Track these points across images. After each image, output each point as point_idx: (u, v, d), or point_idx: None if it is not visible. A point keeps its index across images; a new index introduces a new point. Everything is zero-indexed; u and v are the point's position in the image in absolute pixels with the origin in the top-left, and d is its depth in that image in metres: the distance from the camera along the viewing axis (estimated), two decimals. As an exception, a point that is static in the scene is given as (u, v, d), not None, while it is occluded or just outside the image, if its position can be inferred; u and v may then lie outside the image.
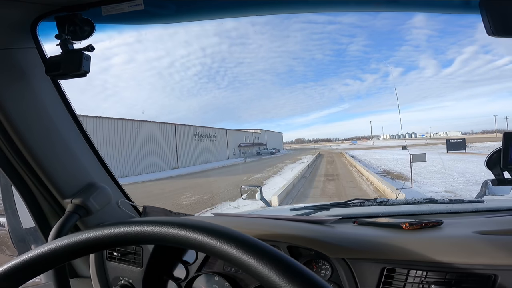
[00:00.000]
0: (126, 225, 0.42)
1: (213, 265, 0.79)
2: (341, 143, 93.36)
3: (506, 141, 0.69)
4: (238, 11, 0.82)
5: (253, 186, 1.70)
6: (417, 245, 0.65)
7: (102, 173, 0.94)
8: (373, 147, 43.13)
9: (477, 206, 1.03)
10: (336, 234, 0.74)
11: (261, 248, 0.35)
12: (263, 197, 1.64)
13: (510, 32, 0.59)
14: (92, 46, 0.68)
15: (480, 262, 0.59)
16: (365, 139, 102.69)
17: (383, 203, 1.09)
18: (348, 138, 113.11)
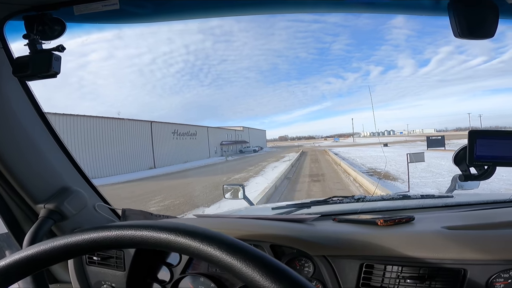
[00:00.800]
0: (105, 229, 0.42)
1: (197, 266, 0.79)
2: (324, 141, 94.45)
3: (471, 139, 0.71)
4: (220, 11, 0.80)
5: (236, 185, 1.69)
6: (392, 241, 0.67)
7: (76, 176, 0.92)
8: (355, 144, 43.48)
9: (446, 201, 1.06)
10: (316, 232, 0.76)
11: (243, 249, 0.35)
12: (246, 196, 1.62)
13: (474, 34, 0.63)
14: (63, 46, 0.66)
15: (450, 257, 0.62)
16: (347, 136, 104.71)
17: (360, 199, 1.13)
18: (330, 136, 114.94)
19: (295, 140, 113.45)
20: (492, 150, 0.71)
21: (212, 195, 9.00)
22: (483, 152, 0.71)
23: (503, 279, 0.59)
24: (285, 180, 10.35)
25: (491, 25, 0.63)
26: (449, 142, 24.88)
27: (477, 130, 0.72)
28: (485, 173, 0.76)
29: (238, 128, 47.93)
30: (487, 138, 0.71)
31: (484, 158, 0.72)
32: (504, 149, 0.70)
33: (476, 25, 0.63)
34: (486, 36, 0.64)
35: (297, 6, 0.78)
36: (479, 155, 0.71)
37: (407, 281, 0.63)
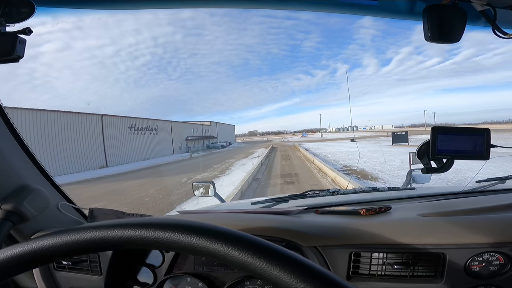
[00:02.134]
0: (88, 230, 0.37)
1: (182, 266, 0.76)
2: (292, 136, 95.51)
3: (433, 134, 0.76)
4: (193, 2, 0.79)
5: (206, 182, 1.63)
6: (375, 229, 0.70)
7: (36, 174, 0.85)
8: (323, 140, 43.87)
9: (410, 193, 1.15)
10: (305, 223, 0.76)
11: (271, 249, 0.32)
12: (217, 193, 1.60)
13: (443, 39, 0.68)
14: (30, 29, 0.63)
15: (429, 242, 0.66)
16: (314, 131, 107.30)
17: (335, 192, 1.16)
18: (298, 131, 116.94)
19: (265, 135, 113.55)
20: (451, 144, 0.76)
21: (165, 203, 7.33)
22: (443, 147, 0.76)
23: (477, 262, 0.64)
24: (254, 182, 8.94)
25: (459, 30, 0.68)
26: (410, 138, 25.68)
27: (439, 127, 0.77)
28: (444, 166, 0.81)
29: (205, 123, 45.73)
30: (447, 134, 0.77)
31: (444, 152, 0.77)
32: (461, 144, 0.76)
33: (446, 30, 0.68)
34: (454, 41, 0.69)
35: (271, 2, 0.79)
36: (440, 149, 0.76)
37: (394, 266, 0.66)
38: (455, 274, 0.64)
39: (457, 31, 0.68)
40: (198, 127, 41.50)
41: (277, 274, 0.30)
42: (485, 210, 0.76)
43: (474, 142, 0.76)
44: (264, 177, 9.87)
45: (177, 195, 8.34)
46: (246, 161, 16.42)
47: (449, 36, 0.68)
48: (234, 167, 14.36)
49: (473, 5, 0.68)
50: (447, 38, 0.68)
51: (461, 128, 0.77)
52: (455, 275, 0.64)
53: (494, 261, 0.64)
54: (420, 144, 0.81)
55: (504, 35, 0.69)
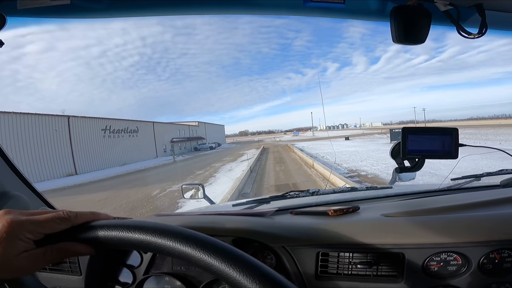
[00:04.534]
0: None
1: (161, 266, 0.77)
2: (284, 135, 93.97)
3: (404, 135, 0.78)
4: (182, 9, 0.77)
5: (195, 184, 1.65)
6: (342, 229, 0.70)
7: (14, 180, 0.85)
8: (315, 138, 42.21)
9: (387, 192, 1.14)
10: (275, 224, 0.77)
11: (224, 250, 0.35)
12: (206, 195, 1.59)
13: (409, 40, 0.68)
14: (2, 42, 0.63)
15: (389, 242, 0.66)
16: (305, 130, 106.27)
17: (315, 193, 1.17)
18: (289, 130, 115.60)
19: (256, 135, 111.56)
20: (421, 144, 0.78)
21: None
22: (413, 147, 0.78)
23: (435, 262, 0.65)
24: (241, 198, 6.88)
25: (424, 31, 0.69)
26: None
27: (409, 127, 0.79)
28: (416, 165, 0.83)
29: (192, 123, 43.39)
30: (416, 134, 0.78)
31: (414, 151, 0.79)
32: (430, 144, 0.78)
33: (412, 31, 0.68)
34: (419, 42, 0.69)
35: (256, 7, 0.79)
36: (410, 149, 0.78)
37: (358, 266, 0.67)
38: (414, 274, 0.65)
39: (423, 32, 0.68)
40: (185, 128, 39.12)
41: (225, 271, 0.32)
42: (456, 208, 0.76)
43: (443, 141, 0.78)
44: (254, 191, 7.79)
45: (138, 216, 6.18)
46: (234, 166, 14.32)
47: (415, 37, 0.69)
48: (219, 173, 12.25)
49: (437, 5, 0.68)
50: (412, 40, 0.69)
51: (430, 128, 0.79)
52: (414, 275, 0.65)
53: (452, 261, 0.65)
54: (393, 144, 0.83)
55: (469, 35, 0.69)
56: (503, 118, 75.77)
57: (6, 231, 0.36)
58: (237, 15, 0.80)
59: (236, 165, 14.64)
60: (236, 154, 22.34)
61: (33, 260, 0.37)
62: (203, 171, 13.66)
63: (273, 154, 19.56)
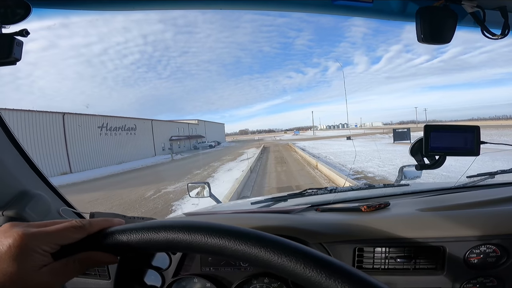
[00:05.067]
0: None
1: (189, 268, 0.76)
2: (284, 134, 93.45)
3: (426, 132, 0.77)
4: (186, 4, 0.78)
5: (201, 183, 1.63)
6: (377, 225, 0.71)
7: (35, 179, 0.84)
8: (316, 138, 41.70)
9: (405, 189, 1.13)
10: (309, 221, 0.77)
11: (310, 254, 0.32)
12: (212, 194, 1.57)
13: (435, 40, 0.69)
14: (27, 31, 0.62)
15: (429, 235, 0.68)
16: (305, 129, 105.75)
17: (333, 191, 1.15)
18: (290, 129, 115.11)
19: (256, 134, 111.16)
20: (443, 142, 0.78)
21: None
22: (436, 144, 0.78)
23: (475, 255, 0.66)
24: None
25: (450, 31, 0.69)
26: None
27: (431, 125, 0.78)
28: (436, 162, 0.83)
29: (192, 121, 42.80)
30: (439, 132, 0.78)
31: (437, 149, 0.78)
32: (452, 141, 0.78)
33: (438, 32, 0.69)
34: (445, 41, 0.70)
35: (264, 3, 0.79)
36: (433, 147, 0.78)
37: (397, 260, 0.68)
38: (455, 266, 0.66)
39: (448, 32, 0.69)
40: (185, 126, 38.55)
41: (311, 275, 0.30)
42: (479, 204, 0.77)
43: (465, 139, 0.79)
44: (254, 194, 7.27)
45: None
46: (233, 165, 13.80)
47: (441, 37, 0.70)
48: (218, 173, 11.74)
49: (464, 7, 0.69)
50: (438, 39, 0.70)
51: (452, 125, 0.79)
52: (455, 267, 0.66)
53: (491, 253, 0.66)
54: (414, 141, 0.83)
55: (493, 36, 0.71)
56: (504, 119, 75.35)
57: (19, 245, 0.33)
58: (240, 12, 0.78)
59: (235, 164, 14.13)
60: (235, 153, 21.83)
61: (55, 274, 0.35)
62: (201, 170, 13.15)
63: (274, 154, 19.03)
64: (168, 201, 7.42)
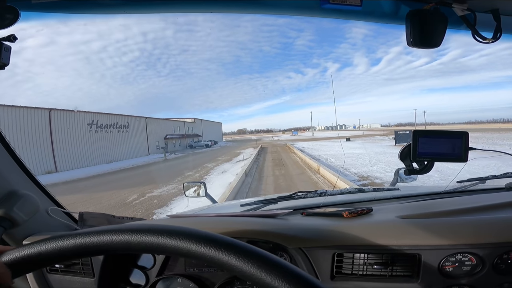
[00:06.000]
0: (94, 234, 0.39)
1: (173, 267, 0.77)
2: (282, 134, 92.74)
3: (414, 137, 0.78)
4: (187, 7, 0.78)
5: (197, 183, 1.64)
6: (358, 231, 0.71)
7: (24, 179, 0.84)
8: (314, 138, 40.96)
9: (394, 193, 1.14)
10: (291, 226, 0.77)
11: (251, 252, 0.36)
12: (208, 194, 1.60)
13: (424, 44, 0.68)
14: (15, 36, 0.62)
15: (406, 243, 0.68)
16: (303, 130, 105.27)
17: (322, 194, 1.15)
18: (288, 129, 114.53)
19: (254, 133, 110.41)
20: (431, 147, 0.78)
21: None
22: (424, 149, 0.78)
23: (451, 263, 0.66)
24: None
25: (440, 35, 0.68)
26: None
27: (420, 130, 0.78)
28: (425, 168, 0.83)
29: (189, 120, 41.79)
30: (427, 137, 0.78)
31: (424, 154, 0.78)
32: (440, 147, 0.78)
33: (427, 36, 0.67)
34: (434, 46, 0.69)
35: (271, 7, 0.78)
36: (420, 152, 0.78)
37: (374, 267, 0.68)
38: (430, 274, 0.66)
39: (438, 36, 0.68)
40: (180, 124, 37.57)
41: (260, 275, 0.33)
42: (463, 211, 0.77)
43: (453, 145, 0.77)
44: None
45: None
46: (228, 167, 12.94)
47: (430, 41, 0.68)
48: (211, 175, 10.88)
49: (454, 9, 0.68)
50: (428, 43, 0.68)
51: (441, 131, 0.78)
52: (430, 275, 0.66)
53: (466, 262, 0.66)
54: (403, 146, 0.82)
55: (483, 40, 0.69)
56: (501, 123, 75.38)
57: None
58: (242, 14, 0.74)
59: (230, 166, 13.26)
60: (232, 154, 20.96)
61: None
62: (194, 172, 12.28)
63: (271, 155, 18.16)
64: (150, 207, 6.55)
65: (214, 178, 10.04)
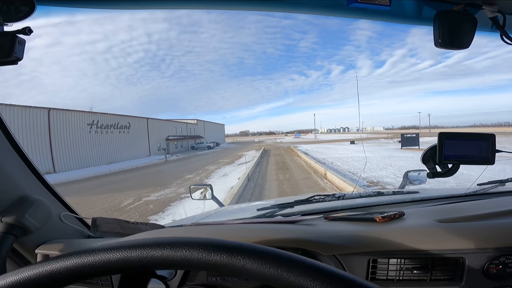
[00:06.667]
0: (117, 249, 0.35)
1: (195, 278, 0.75)
2: (285, 136, 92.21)
3: (440, 139, 0.76)
4: (193, 3, 0.77)
5: (203, 185, 1.63)
6: (393, 236, 0.70)
7: (36, 184, 0.82)
8: (318, 141, 40.44)
9: (413, 196, 1.11)
10: (322, 232, 0.75)
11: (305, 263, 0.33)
12: (215, 196, 1.58)
13: (453, 45, 0.67)
14: (30, 29, 0.59)
15: (449, 247, 0.67)
16: (306, 132, 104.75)
17: (341, 197, 1.13)
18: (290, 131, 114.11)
19: (256, 136, 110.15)
20: (458, 150, 0.76)
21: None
22: (450, 152, 0.76)
23: (494, 265, 0.66)
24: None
25: (469, 37, 0.67)
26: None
27: (446, 132, 0.76)
28: (450, 171, 0.81)
29: (191, 121, 41.55)
30: (453, 139, 0.76)
31: (451, 157, 0.76)
32: (467, 149, 0.76)
33: (456, 36, 0.67)
34: (463, 47, 0.68)
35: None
36: (447, 155, 0.76)
37: (413, 271, 0.67)
38: (474, 277, 0.66)
39: (467, 37, 0.67)
40: (183, 125, 37.27)
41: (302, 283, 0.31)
42: (496, 215, 0.76)
43: (480, 147, 0.76)
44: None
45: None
46: (230, 170, 12.48)
47: (459, 42, 0.67)
48: (211, 179, 10.43)
49: (484, 11, 0.67)
50: (457, 44, 0.67)
51: (467, 133, 0.77)
52: (474, 278, 0.66)
53: (510, 264, 0.66)
54: (426, 149, 0.80)
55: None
56: (506, 126, 74.19)
57: None
58: (246, 13, 0.73)
59: (232, 169, 12.80)
60: (234, 156, 20.51)
61: None
62: (194, 175, 11.83)
63: (274, 158, 17.64)
64: (145, 213, 6.10)
65: (214, 181, 9.58)
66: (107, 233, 0.90)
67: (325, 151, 19.90)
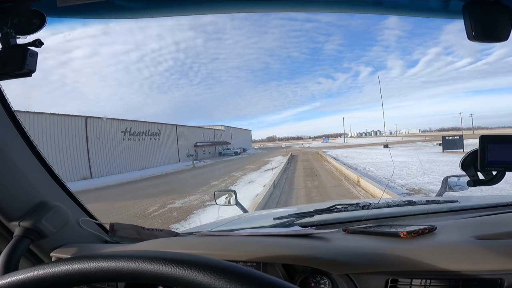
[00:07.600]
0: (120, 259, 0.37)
1: None
2: (312, 141, 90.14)
3: (482, 144, 0.69)
4: (214, 8, 0.77)
5: (228, 191, 1.66)
6: (420, 255, 0.63)
7: (56, 190, 0.84)
8: (347, 145, 38.69)
9: (452, 206, 1.02)
10: (335, 248, 0.71)
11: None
12: (239, 202, 1.59)
13: (489, 37, 0.61)
14: (40, 41, 0.59)
15: (486, 268, 0.60)
16: (335, 136, 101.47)
17: (365, 207, 1.05)
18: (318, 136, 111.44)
19: (283, 141, 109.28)
20: (503, 155, 0.69)
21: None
22: (494, 158, 0.69)
23: None
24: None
25: (505, 28, 0.62)
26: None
27: (488, 135, 0.70)
28: (494, 179, 0.73)
29: (218, 127, 42.16)
30: (498, 143, 0.69)
31: (495, 163, 0.69)
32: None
33: (491, 28, 0.62)
34: (501, 39, 0.63)
35: (292, 4, 0.76)
36: (490, 161, 0.69)
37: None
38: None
39: (504, 29, 0.62)
40: (210, 132, 37.94)
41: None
42: None
43: None
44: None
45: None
46: (256, 176, 12.16)
47: (496, 35, 0.61)
48: (237, 185, 10.18)
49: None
50: (493, 37, 0.61)
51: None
52: None
53: None
54: (465, 154, 0.74)
55: None
56: None
57: None
58: (268, 18, 0.72)
59: (258, 175, 12.47)
60: (260, 162, 20.20)
61: None
62: (220, 181, 11.70)
63: (302, 163, 16.99)
64: (168, 221, 5.97)
65: (240, 188, 9.31)
66: (124, 238, 0.90)
67: (356, 155, 18.79)
